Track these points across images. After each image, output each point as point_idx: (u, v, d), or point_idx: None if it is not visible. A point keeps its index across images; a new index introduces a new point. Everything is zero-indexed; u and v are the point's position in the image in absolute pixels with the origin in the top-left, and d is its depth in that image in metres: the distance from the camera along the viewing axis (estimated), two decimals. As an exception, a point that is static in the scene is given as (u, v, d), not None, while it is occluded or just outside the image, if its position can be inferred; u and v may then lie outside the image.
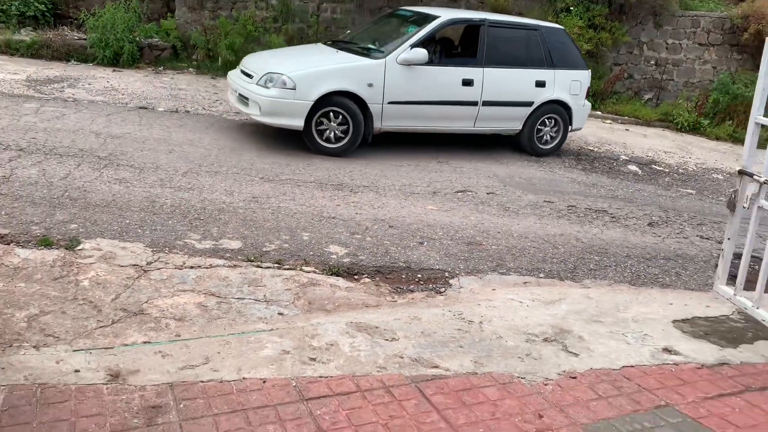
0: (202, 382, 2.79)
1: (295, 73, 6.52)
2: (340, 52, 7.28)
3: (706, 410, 2.90)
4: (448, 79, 7.20)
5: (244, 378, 2.84)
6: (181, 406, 2.61)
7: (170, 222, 4.60)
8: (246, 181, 5.66)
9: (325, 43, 8.19)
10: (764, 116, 3.75)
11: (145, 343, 3.09)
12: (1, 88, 7.61)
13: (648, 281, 4.75)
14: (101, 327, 3.20)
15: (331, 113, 6.68)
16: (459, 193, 6.18)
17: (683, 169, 8.42)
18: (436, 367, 3.09)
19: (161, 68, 10.15)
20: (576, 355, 3.32)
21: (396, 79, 6.87)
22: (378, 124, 6.96)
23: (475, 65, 7.35)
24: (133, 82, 8.87)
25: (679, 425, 2.77)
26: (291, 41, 10.88)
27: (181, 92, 8.70)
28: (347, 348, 3.19)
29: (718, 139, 10.71)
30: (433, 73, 7.11)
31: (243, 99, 6.77)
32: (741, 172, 3.85)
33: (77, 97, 7.69)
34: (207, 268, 4.00)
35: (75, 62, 9.71)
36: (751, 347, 3.62)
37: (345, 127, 6.77)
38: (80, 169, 5.33)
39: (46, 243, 4.00)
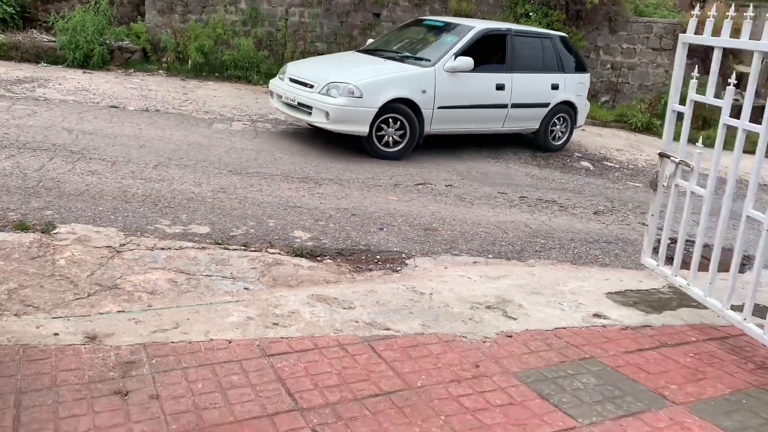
0: (173, 342, 3.07)
1: (361, 82, 6.90)
2: (387, 61, 7.67)
3: (624, 361, 3.28)
4: (485, 84, 7.80)
5: (211, 339, 3.13)
6: (153, 361, 2.89)
7: (141, 209, 4.86)
8: (214, 173, 5.93)
9: (358, 51, 8.67)
10: (679, 104, 4.17)
11: (119, 312, 3.35)
12: (-28, 87, 7.77)
13: (589, 261, 5.14)
14: (78, 299, 3.46)
15: (390, 119, 7.09)
16: (419, 186, 6.52)
17: (633, 165, 8.90)
18: (387, 329, 3.42)
19: (131, 70, 10.36)
20: (514, 319, 3.67)
21: (444, 85, 7.37)
22: (428, 128, 7.43)
23: (504, 71, 7.99)
24: (103, 83, 9.07)
25: (599, 372, 3.13)
26: (260, 44, 11.18)
27: (151, 93, 8.92)
28: (307, 315, 3.49)
29: (669, 138, 11.25)
30: (473, 79, 7.65)
31: (302, 107, 7.09)
32: (660, 155, 4.27)
33: (48, 96, 7.87)
34: (177, 249, 4.27)
35: (45, 64, 9.87)
36: (673, 313, 4.02)
37: (401, 132, 7.20)
38: (53, 162, 5.55)
39: (22, 227, 4.23)
